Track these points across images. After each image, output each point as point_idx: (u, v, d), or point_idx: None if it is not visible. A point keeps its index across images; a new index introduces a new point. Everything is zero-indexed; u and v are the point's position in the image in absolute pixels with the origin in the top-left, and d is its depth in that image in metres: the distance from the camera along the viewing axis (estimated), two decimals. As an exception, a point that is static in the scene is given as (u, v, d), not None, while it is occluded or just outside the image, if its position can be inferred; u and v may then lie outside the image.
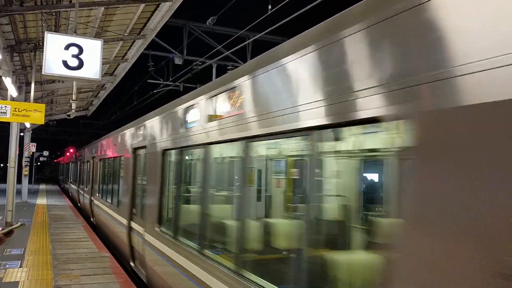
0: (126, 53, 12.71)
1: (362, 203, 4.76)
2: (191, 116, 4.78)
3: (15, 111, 8.79)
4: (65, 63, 5.35)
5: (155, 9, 9.26)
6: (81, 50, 5.44)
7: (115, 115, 30.09)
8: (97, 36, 10.43)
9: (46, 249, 8.86)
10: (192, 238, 4.79)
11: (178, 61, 15.42)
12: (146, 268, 6.38)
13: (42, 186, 33.02)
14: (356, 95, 2.24)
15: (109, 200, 10.64)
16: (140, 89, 22.11)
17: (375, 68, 2.13)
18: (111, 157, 10.67)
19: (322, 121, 2.51)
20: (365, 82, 2.18)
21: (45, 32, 5.37)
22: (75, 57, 5.39)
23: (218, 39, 14.63)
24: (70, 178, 25.02)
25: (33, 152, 22.56)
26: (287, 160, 5.25)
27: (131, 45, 11.95)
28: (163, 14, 9.20)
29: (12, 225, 2.24)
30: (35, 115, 9.02)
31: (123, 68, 14.01)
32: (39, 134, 42.59)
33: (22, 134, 21.38)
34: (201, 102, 4.55)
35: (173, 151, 5.46)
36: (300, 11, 7.79)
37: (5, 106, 8.79)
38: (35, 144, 20.69)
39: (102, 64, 13.28)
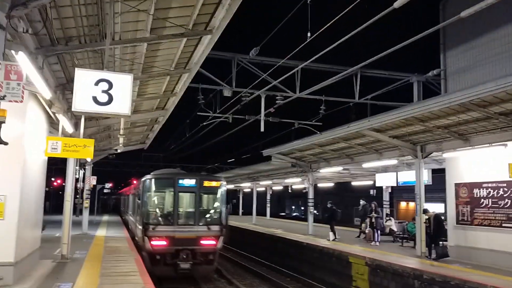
0: (174, 87, 12.95)
1: None
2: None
3: (65, 146, 9.08)
4: (94, 99, 5.40)
5: (198, 43, 9.36)
6: (111, 85, 5.47)
7: (171, 148, 30.84)
8: (144, 72, 10.70)
9: (94, 284, 8.88)
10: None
11: (227, 93, 15.55)
12: None
13: (105, 217, 34.15)
14: None
15: None
16: (191, 121, 22.56)
17: None
18: None
19: None
20: None
21: (75, 69, 5.46)
22: (105, 92, 5.42)
23: (266, 70, 14.63)
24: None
25: (94, 185, 23.41)
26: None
27: (178, 79, 12.15)
28: (204, 48, 9.27)
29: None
30: (85, 150, 9.26)
31: (173, 102, 14.28)
32: (103, 166, 44.55)
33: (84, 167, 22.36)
34: None
35: None
36: (340, 40, 7.54)
37: (56, 142, 9.12)
38: (95, 177, 21.51)
39: (152, 98, 13.70)
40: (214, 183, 14.90)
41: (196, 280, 15.05)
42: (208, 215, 14.67)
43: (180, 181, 14.37)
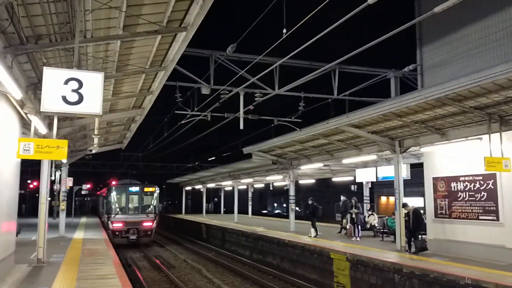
0: (150, 86, 12.75)
1: None
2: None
3: (38, 148, 8.79)
4: (64, 99, 5.21)
5: (173, 40, 9.20)
6: (81, 84, 5.30)
7: (149, 147, 30.53)
8: (118, 70, 10.49)
9: (71, 288, 8.69)
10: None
11: (205, 90, 15.40)
12: None
13: (83, 220, 33.61)
14: None
15: None
16: (170, 120, 22.34)
17: None
18: None
19: None
20: None
21: (44, 68, 5.27)
22: (74, 91, 5.24)
23: (244, 67, 14.54)
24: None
25: (71, 187, 22.97)
26: None
27: (154, 77, 11.97)
28: (179, 45, 9.12)
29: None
30: (58, 151, 8.97)
31: (150, 100, 14.06)
32: (81, 167, 43.83)
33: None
34: None
35: None
36: (316, 37, 7.50)
37: (29, 144, 8.82)
38: (71, 178, 21.08)
39: (128, 97, 13.47)
40: (150, 189, 25.11)
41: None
42: (146, 208, 24.78)
43: (130, 188, 24.67)
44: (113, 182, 26.81)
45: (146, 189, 24.86)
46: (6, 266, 10.05)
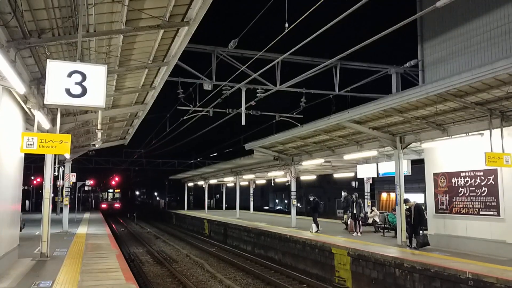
0: (153, 81, 12.80)
1: None
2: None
3: (41, 142, 8.85)
4: (68, 91, 5.26)
5: (175, 35, 9.24)
6: (84, 77, 5.35)
7: (152, 143, 30.59)
8: (121, 65, 10.54)
9: (74, 281, 8.77)
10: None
11: (207, 86, 15.42)
12: None
13: (86, 215, 33.74)
14: None
15: None
16: (172, 116, 22.39)
17: None
18: None
19: None
20: None
21: (47, 60, 5.32)
22: (78, 84, 5.29)
23: (246, 63, 14.57)
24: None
25: (74, 182, 23.04)
26: None
27: (157, 73, 12.01)
28: (182, 40, 9.16)
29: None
30: (61, 145, 9.04)
31: (152, 96, 14.11)
32: (84, 164, 43.95)
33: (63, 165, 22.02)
34: None
35: None
36: (318, 32, 7.52)
37: (32, 138, 8.89)
38: (75, 174, 21.12)
39: (131, 93, 13.52)
40: (118, 190, 59.61)
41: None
42: (117, 198, 58.76)
43: (109, 190, 59.57)
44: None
45: (117, 190, 59.37)
46: (10, 260, 10.14)
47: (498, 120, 11.03)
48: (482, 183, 12.13)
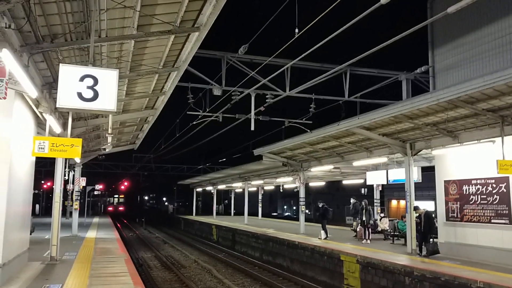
0: (163, 86, 12.87)
1: None
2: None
3: (52, 146, 8.93)
4: (79, 95, 5.31)
5: (186, 40, 9.29)
6: (96, 81, 5.40)
7: (161, 148, 30.73)
8: (132, 70, 10.62)
9: (83, 285, 8.79)
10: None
11: (217, 91, 15.46)
12: None
13: (96, 219, 33.92)
14: None
15: None
16: (181, 121, 22.48)
17: None
18: None
19: None
20: None
21: (60, 64, 5.38)
22: (90, 88, 5.34)
23: (255, 69, 14.60)
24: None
25: (84, 187, 23.22)
26: None
27: (167, 78, 12.08)
28: (192, 45, 9.21)
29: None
30: (72, 149, 9.11)
31: (162, 101, 14.20)
32: (94, 168, 44.23)
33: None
34: None
35: None
36: (328, 38, 7.52)
37: (44, 142, 8.97)
38: (85, 178, 21.31)
39: (141, 98, 13.61)
40: (122, 196, 78.11)
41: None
42: (122, 203, 76.52)
43: (115, 195, 77.69)
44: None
45: (121, 196, 76.20)
46: (20, 263, 10.20)
47: (510, 127, 10.92)
48: (494, 191, 11.99)
